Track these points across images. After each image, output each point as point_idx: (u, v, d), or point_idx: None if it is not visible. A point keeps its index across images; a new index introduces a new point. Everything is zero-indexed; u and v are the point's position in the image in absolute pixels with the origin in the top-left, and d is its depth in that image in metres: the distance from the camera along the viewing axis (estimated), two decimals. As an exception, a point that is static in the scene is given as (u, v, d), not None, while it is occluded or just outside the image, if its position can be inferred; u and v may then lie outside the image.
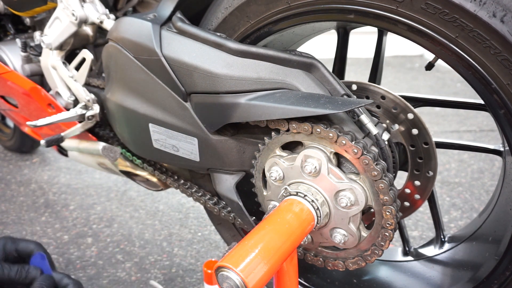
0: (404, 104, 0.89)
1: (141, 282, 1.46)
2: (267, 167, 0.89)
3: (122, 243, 1.67)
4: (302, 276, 1.11)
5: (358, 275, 1.09)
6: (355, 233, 0.84)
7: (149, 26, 0.94)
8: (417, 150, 0.92)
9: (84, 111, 1.21)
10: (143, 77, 0.97)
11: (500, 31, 0.66)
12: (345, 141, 0.77)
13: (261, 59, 0.85)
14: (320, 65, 0.84)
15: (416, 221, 1.78)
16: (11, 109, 1.52)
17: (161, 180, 1.23)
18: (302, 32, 0.95)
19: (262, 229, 0.76)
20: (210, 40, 0.88)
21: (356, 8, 0.76)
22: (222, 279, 0.69)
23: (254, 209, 1.04)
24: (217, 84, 0.87)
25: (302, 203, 0.82)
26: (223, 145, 0.94)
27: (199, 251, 1.63)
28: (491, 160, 2.26)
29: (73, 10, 1.10)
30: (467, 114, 2.88)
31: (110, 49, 1.03)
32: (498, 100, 0.70)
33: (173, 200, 1.96)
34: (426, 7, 0.70)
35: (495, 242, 0.92)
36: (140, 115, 1.02)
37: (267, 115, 0.81)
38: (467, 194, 1.97)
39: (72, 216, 1.85)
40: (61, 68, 1.22)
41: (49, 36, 1.20)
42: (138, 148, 1.11)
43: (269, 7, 0.85)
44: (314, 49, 1.36)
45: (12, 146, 2.36)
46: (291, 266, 0.81)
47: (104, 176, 2.16)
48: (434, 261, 1.05)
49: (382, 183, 0.77)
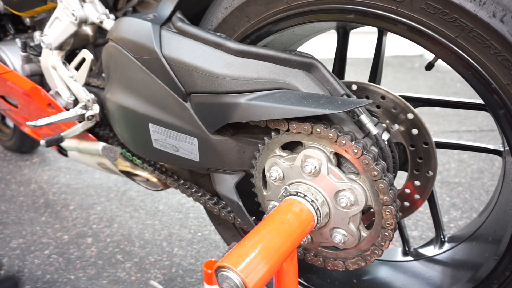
0: (404, 104, 0.89)
1: (141, 282, 1.46)
2: (267, 167, 0.89)
3: (122, 243, 1.67)
4: (302, 276, 1.11)
5: (358, 275, 1.09)
6: (355, 233, 0.84)
7: (149, 26, 0.94)
8: (417, 150, 0.92)
9: (84, 111, 1.21)
10: (143, 77, 0.97)
11: (500, 31, 0.66)
12: (345, 141, 0.77)
13: (261, 59, 0.85)
14: (320, 65, 0.84)
15: (416, 221, 1.78)
16: (11, 109, 1.52)
17: (161, 180, 1.23)
18: (302, 32, 0.95)
19: (262, 229, 0.76)
20: (210, 40, 0.88)
21: (356, 8, 0.76)
22: (222, 279, 0.69)
23: (254, 209, 1.04)
24: (217, 84, 0.87)
25: (302, 203, 0.82)
26: (223, 145, 0.94)
27: (199, 251, 1.63)
28: (491, 160, 2.26)
29: (73, 10, 1.10)
30: (467, 114, 2.88)
31: (110, 49, 1.03)
32: (498, 100, 0.70)
33: (173, 200, 1.96)
34: (426, 7, 0.70)
35: (495, 242, 0.92)
36: (140, 115, 1.01)
37: (267, 115, 0.81)
38: (467, 194, 1.97)
39: (72, 216, 1.85)
40: (61, 68, 1.22)
41: (49, 36, 1.20)
42: (138, 148, 1.11)
43: (269, 7, 0.85)
44: (314, 49, 1.36)
45: (12, 146, 2.36)
46: (291, 266, 0.81)
47: (104, 176, 2.16)
48: (434, 261, 1.05)
49: (382, 183, 0.77)
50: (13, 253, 1.60)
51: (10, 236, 1.70)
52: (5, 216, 1.84)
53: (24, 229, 1.75)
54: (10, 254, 1.59)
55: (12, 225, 1.78)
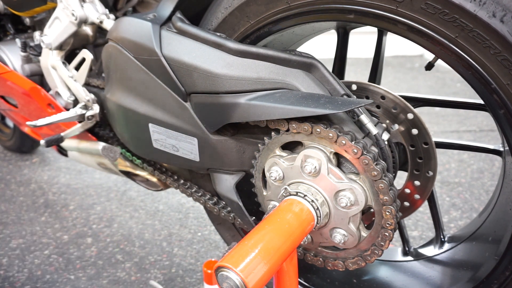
0: (404, 104, 0.89)
1: (141, 282, 1.46)
2: (267, 167, 0.89)
3: (122, 243, 1.67)
4: (302, 276, 1.11)
5: (358, 275, 1.09)
6: (355, 233, 0.84)
7: (149, 26, 0.94)
8: (417, 150, 0.92)
9: (84, 111, 1.21)
10: (143, 77, 0.97)
11: (500, 31, 0.66)
12: (345, 141, 0.77)
13: (261, 59, 0.85)
14: (320, 65, 0.84)
15: (416, 221, 1.78)
16: (11, 109, 1.52)
17: (161, 180, 1.23)
18: (302, 32, 0.95)
19: (262, 229, 0.75)
20: (210, 40, 0.88)
21: (355, 8, 0.76)
22: (222, 279, 0.69)
23: (254, 209, 1.04)
24: (217, 84, 0.87)
25: (302, 203, 0.82)
26: (223, 145, 0.94)
27: (199, 251, 1.63)
28: (491, 160, 2.26)
29: (73, 10, 1.10)
30: (467, 114, 2.88)
31: (110, 49, 1.03)
32: (498, 100, 0.70)
33: (173, 200, 1.96)
34: (426, 7, 0.70)
35: (495, 242, 0.92)
36: (140, 115, 1.01)
37: (267, 115, 0.81)
38: (467, 194, 1.97)
39: (72, 216, 1.85)
40: (61, 68, 1.22)
41: (49, 36, 1.20)
42: (138, 148, 1.11)
43: (269, 7, 0.85)
44: (314, 49, 1.36)
45: (12, 146, 2.36)
46: (291, 266, 0.81)
47: (104, 176, 2.16)
48: (434, 261, 1.05)
49: (382, 183, 0.77)
50: (13, 253, 1.60)
51: (10, 236, 1.70)
52: (5, 216, 1.84)
53: (24, 229, 1.75)
54: (10, 254, 1.59)
55: (12, 225, 1.78)
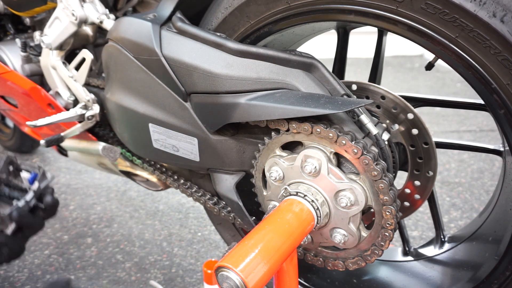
0: (404, 104, 0.89)
1: (141, 282, 1.46)
2: (267, 167, 0.89)
3: (122, 243, 1.67)
4: (302, 276, 1.11)
5: (358, 275, 1.09)
6: (355, 233, 0.84)
7: (149, 26, 0.94)
8: (417, 150, 0.92)
9: (84, 111, 1.21)
10: (143, 77, 0.97)
11: (500, 31, 0.66)
12: (345, 141, 0.77)
13: (261, 59, 0.85)
14: (320, 65, 0.84)
15: (416, 221, 1.78)
16: (11, 109, 1.52)
17: (161, 180, 1.23)
18: (302, 32, 0.95)
19: (262, 229, 0.75)
20: (210, 40, 0.88)
21: (355, 8, 0.76)
22: (222, 279, 0.69)
23: (254, 209, 1.04)
24: (217, 84, 0.87)
25: (302, 203, 0.82)
26: (223, 145, 0.94)
27: (199, 251, 1.63)
28: (491, 160, 2.26)
29: (73, 10, 1.10)
30: (467, 114, 2.88)
31: (110, 49, 1.03)
32: (498, 100, 0.70)
33: (173, 200, 1.96)
34: (426, 7, 0.70)
35: (495, 242, 0.92)
36: (140, 115, 1.01)
37: (267, 115, 0.81)
38: (467, 194, 1.97)
39: (72, 216, 1.85)
40: (61, 68, 1.22)
41: (49, 36, 1.19)
42: (138, 148, 1.11)
43: (269, 7, 0.85)
44: (314, 49, 1.36)
45: (12, 146, 2.35)
46: (291, 266, 0.81)
47: (104, 176, 2.16)
48: (434, 261, 1.05)
49: (382, 183, 0.77)
50: (13, 253, 1.60)
51: (10, 236, 1.70)
52: (5, 216, 1.84)
53: (24, 229, 1.75)
54: (10, 254, 1.59)
55: (12, 225, 1.78)
